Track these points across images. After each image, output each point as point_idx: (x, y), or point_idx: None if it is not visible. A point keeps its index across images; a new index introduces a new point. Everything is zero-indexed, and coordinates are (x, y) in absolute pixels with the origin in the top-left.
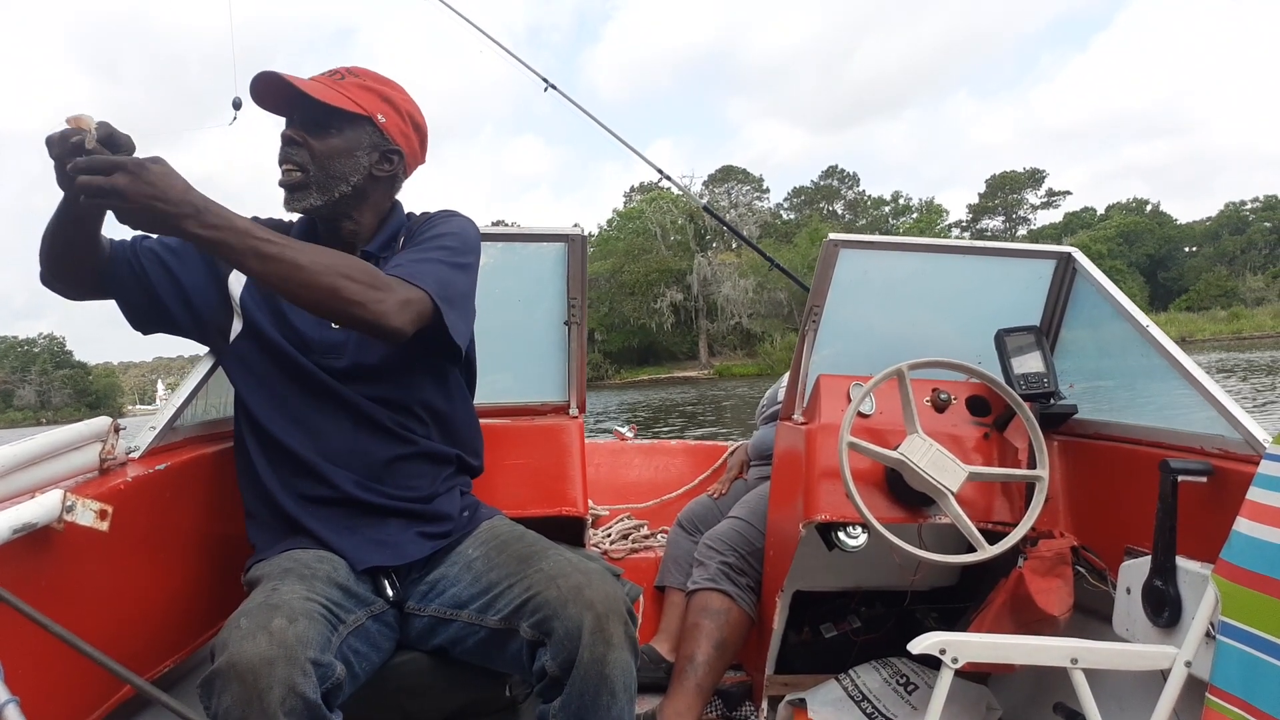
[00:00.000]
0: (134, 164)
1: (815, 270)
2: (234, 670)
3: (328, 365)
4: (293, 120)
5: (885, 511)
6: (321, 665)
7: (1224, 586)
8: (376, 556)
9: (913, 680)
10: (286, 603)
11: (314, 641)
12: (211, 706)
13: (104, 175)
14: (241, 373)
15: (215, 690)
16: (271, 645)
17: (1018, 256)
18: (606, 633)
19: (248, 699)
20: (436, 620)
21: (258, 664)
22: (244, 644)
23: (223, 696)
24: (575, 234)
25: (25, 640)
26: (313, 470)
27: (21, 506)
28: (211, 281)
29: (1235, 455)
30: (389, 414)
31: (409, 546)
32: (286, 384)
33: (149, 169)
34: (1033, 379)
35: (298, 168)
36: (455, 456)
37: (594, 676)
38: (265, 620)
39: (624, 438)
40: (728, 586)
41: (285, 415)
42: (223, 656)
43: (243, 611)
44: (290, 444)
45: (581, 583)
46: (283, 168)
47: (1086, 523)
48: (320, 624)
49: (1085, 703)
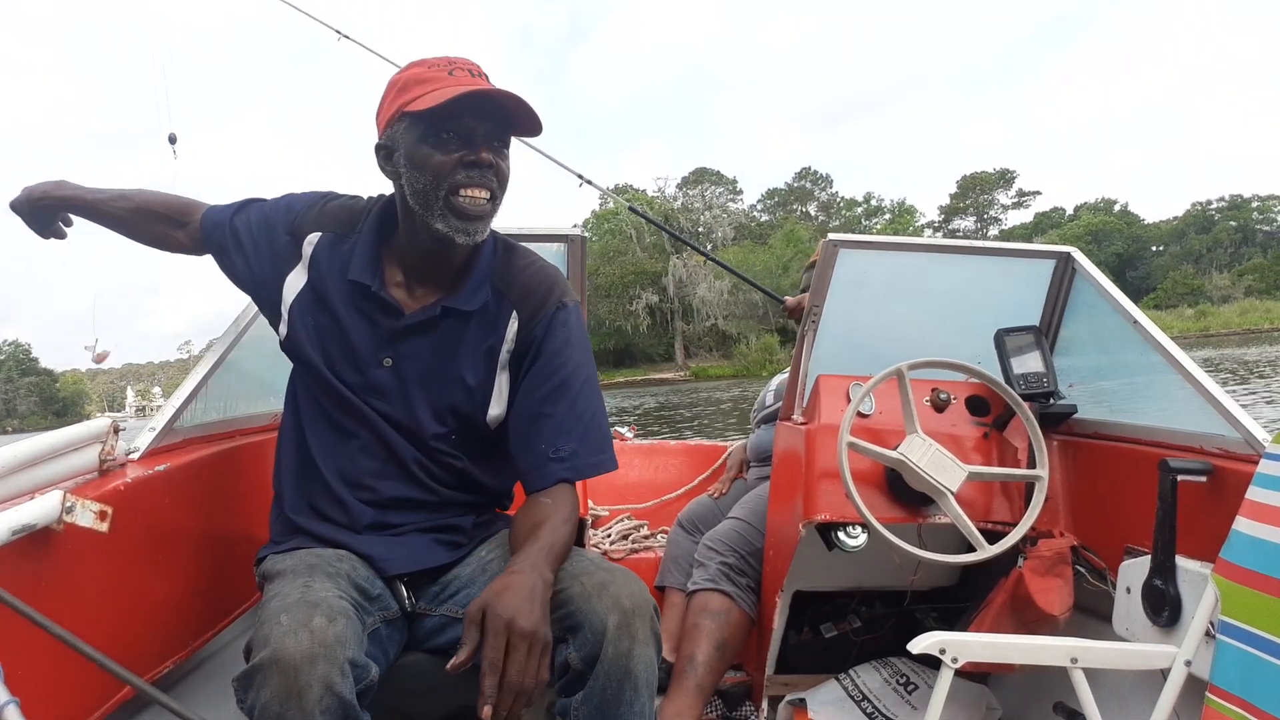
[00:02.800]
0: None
1: (815, 270)
2: (276, 666)
3: (368, 400)
4: (491, 142)
5: (885, 511)
6: (358, 665)
7: (1224, 586)
8: (396, 563)
9: (913, 680)
10: (325, 600)
11: (351, 641)
12: (249, 700)
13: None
14: (297, 370)
15: (254, 684)
16: (313, 643)
17: (1017, 256)
18: (632, 629)
19: (287, 695)
20: (448, 619)
21: (300, 661)
22: (286, 640)
23: (262, 691)
24: (575, 234)
25: (25, 640)
26: (339, 491)
27: (21, 507)
28: (272, 276)
29: (1235, 455)
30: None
31: (426, 553)
32: (324, 398)
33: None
34: (1032, 379)
35: (491, 195)
36: (490, 491)
37: (619, 671)
38: (306, 618)
39: (624, 438)
40: (728, 587)
41: (323, 425)
42: (265, 651)
43: (281, 607)
44: (323, 459)
45: (606, 580)
46: (475, 194)
47: (1086, 522)
48: (355, 624)
49: (1085, 702)
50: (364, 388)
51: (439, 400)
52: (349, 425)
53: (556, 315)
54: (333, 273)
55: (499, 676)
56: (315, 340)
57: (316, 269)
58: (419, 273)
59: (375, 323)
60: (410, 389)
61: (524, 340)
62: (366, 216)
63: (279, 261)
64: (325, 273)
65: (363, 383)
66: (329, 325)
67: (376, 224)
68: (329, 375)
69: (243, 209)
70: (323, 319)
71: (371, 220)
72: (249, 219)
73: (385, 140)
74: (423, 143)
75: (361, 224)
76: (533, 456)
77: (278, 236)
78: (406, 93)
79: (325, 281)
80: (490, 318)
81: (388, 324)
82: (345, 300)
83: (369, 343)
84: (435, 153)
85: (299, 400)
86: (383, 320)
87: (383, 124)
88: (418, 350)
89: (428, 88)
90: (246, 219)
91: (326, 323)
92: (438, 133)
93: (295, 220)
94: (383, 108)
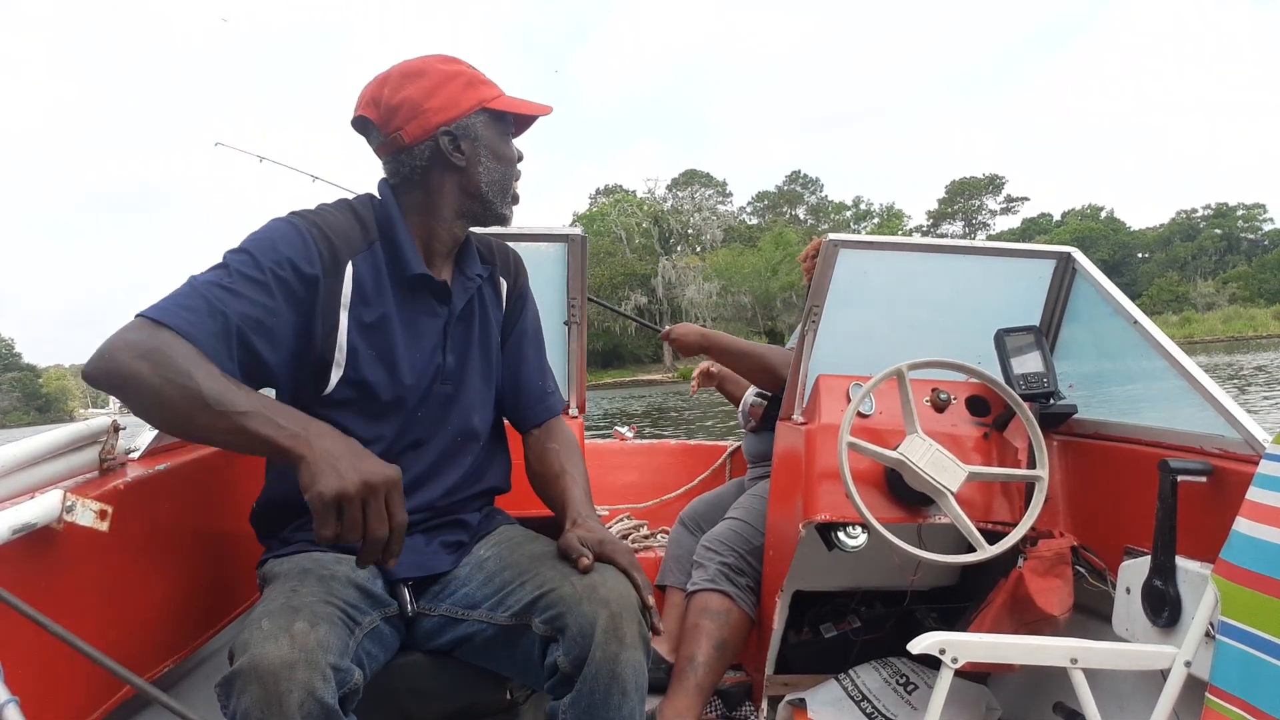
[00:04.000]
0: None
1: (815, 270)
2: (255, 672)
3: (428, 414)
4: (518, 138)
5: (885, 511)
6: (340, 670)
7: (1224, 586)
8: (402, 567)
9: (913, 680)
10: (308, 605)
11: (334, 646)
12: (230, 706)
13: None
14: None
15: (235, 691)
16: (293, 649)
17: (1017, 256)
18: (620, 631)
19: (267, 701)
20: (447, 619)
21: (278, 667)
22: (265, 646)
23: (242, 698)
24: (576, 234)
25: (25, 640)
26: None
27: (21, 506)
28: (311, 327)
29: (1235, 455)
30: (456, 457)
31: (432, 559)
32: (377, 427)
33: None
34: (1032, 379)
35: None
36: (495, 488)
37: (606, 674)
38: (287, 623)
39: (624, 438)
40: (727, 587)
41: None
42: (244, 657)
43: (264, 612)
44: None
45: (596, 580)
46: (517, 185)
47: (1086, 522)
48: (340, 629)
49: (1085, 703)
50: (425, 389)
51: (487, 373)
52: (382, 425)
53: (522, 268)
54: (379, 283)
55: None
56: (375, 360)
57: (360, 290)
58: (443, 255)
59: (432, 312)
60: (468, 369)
61: (514, 296)
62: (377, 216)
63: (326, 309)
64: (370, 290)
65: (425, 385)
66: (386, 338)
67: (402, 217)
68: (393, 390)
69: (217, 314)
70: (380, 335)
71: (398, 215)
72: (249, 312)
73: (457, 129)
74: (503, 140)
75: (375, 225)
76: (530, 394)
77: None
78: (480, 90)
79: (373, 297)
80: (493, 282)
81: (441, 311)
82: (397, 303)
83: (430, 338)
84: (509, 150)
85: (332, 401)
86: (437, 308)
87: (452, 112)
88: (465, 330)
89: (494, 90)
90: (245, 312)
91: (383, 336)
92: (508, 133)
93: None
94: (444, 96)
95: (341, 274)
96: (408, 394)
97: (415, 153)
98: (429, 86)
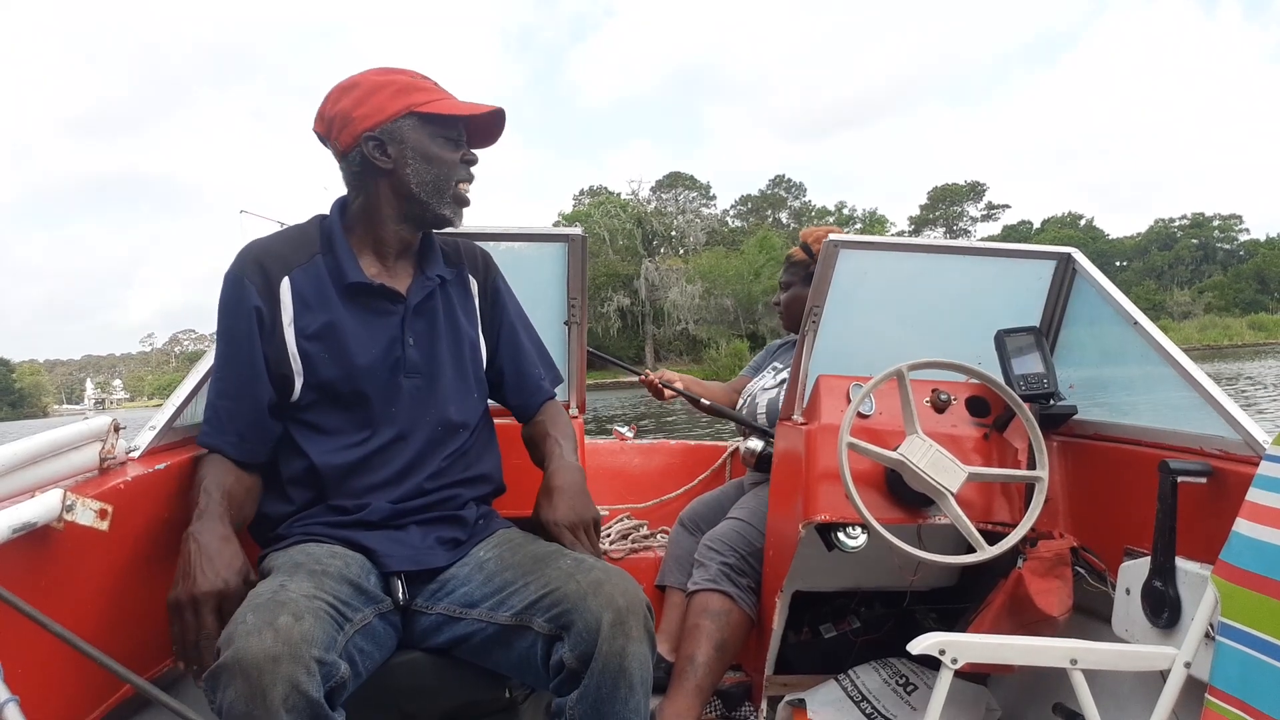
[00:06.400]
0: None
1: (815, 270)
2: (238, 666)
3: (403, 409)
4: (474, 141)
5: (885, 512)
6: (326, 664)
7: (1223, 587)
8: (398, 560)
9: (912, 680)
10: (293, 599)
11: (319, 640)
12: (216, 700)
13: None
14: (301, 428)
15: (220, 684)
16: (276, 642)
17: (1017, 257)
18: (626, 626)
19: (251, 695)
20: (445, 618)
21: (262, 660)
22: (249, 640)
23: (227, 691)
24: (576, 234)
25: (25, 640)
26: (353, 490)
27: (21, 506)
28: (269, 344)
29: (1235, 456)
30: (440, 447)
31: (427, 554)
32: (355, 425)
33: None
34: (1032, 380)
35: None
36: (485, 477)
37: (613, 670)
38: (271, 617)
39: (624, 438)
40: (728, 587)
41: (337, 447)
42: (228, 651)
43: (250, 606)
44: (334, 471)
45: (601, 578)
46: (468, 186)
47: (1086, 523)
48: (327, 622)
49: (1085, 703)
50: (388, 382)
51: (460, 366)
52: (360, 424)
53: (491, 264)
54: (322, 293)
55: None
56: (330, 362)
57: (301, 301)
58: (394, 258)
59: (384, 312)
60: (436, 362)
61: (486, 292)
62: (322, 229)
63: (272, 328)
64: (312, 299)
65: (388, 377)
66: (337, 341)
67: (341, 228)
68: (351, 384)
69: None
70: (330, 340)
71: (337, 227)
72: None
73: (381, 133)
74: (434, 141)
75: (319, 240)
76: (526, 381)
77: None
78: (410, 95)
79: (315, 305)
80: (461, 282)
81: (396, 309)
82: (345, 309)
83: (385, 334)
84: (445, 151)
85: (304, 445)
86: (390, 308)
87: (376, 118)
88: (427, 326)
89: (430, 95)
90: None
91: (334, 340)
92: (446, 134)
93: (251, 291)
94: (371, 104)
95: (276, 291)
96: (368, 387)
97: (350, 160)
98: (360, 96)
